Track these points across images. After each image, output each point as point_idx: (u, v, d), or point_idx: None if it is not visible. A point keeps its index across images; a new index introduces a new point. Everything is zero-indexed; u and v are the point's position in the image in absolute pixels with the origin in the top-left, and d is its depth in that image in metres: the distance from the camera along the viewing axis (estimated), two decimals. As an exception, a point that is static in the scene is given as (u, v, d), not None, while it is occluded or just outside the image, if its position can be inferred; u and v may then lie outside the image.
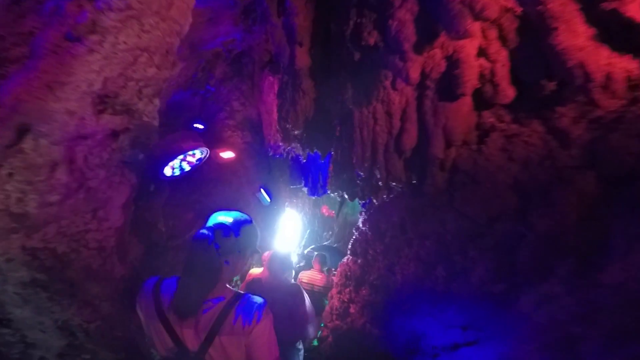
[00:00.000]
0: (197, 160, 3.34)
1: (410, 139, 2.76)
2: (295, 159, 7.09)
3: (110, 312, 2.67)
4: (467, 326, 2.60)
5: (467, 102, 2.63)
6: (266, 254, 2.86)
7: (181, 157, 2.96)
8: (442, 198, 2.74)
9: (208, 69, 6.55)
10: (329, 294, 4.05)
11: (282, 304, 2.19)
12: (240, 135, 6.73)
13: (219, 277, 1.15)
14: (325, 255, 5.08)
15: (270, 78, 6.19)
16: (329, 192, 3.82)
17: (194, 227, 4.64)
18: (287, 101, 4.24)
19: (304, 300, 2.44)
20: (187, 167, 3.29)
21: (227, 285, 1.21)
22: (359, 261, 3.46)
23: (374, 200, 3.48)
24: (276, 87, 5.37)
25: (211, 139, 6.16)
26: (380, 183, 2.98)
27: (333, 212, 9.32)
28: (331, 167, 3.84)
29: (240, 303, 1.13)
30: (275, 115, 5.31)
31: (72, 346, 2.59)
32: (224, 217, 1.24)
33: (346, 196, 3.89)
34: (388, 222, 3.08)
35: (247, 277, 2.85)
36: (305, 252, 7.07)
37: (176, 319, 1.10)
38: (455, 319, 2.66)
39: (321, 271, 4.73)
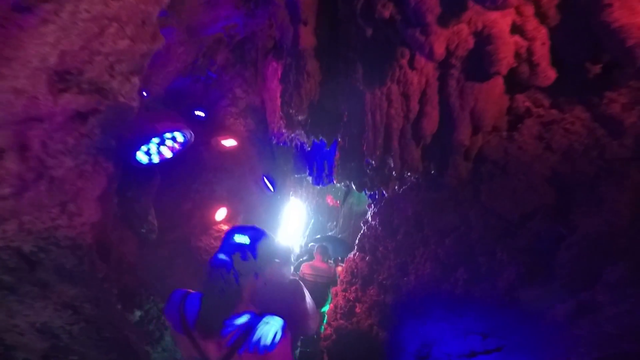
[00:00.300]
0: (180, 145, 2.85)
1: (431, 124, 2.40)
2: (300, 147, 6.75)
3: (95, 313, 2.39)
4: (488, 334, 2.29)
5: (499, 83, 2.27)
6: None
7: (157, 140, 2.45)
8: (465, 191, 2.39)
9: (209, 55, 6.19)
10: (333, 291, 3.77)
11: (281, 302, 1.91)
12: (243, 123, 6.41)
13: (240, 298, 1.18)
14: (327, 247, 4.91)
15: (274, 64, 5.85)
16: (334, 181, 3.48)
17: (192, 218, 4.35)
18: (291, 85, 3.88)
19: (304, 296, 2.19)
20: (168, 153, 2.77)
21: (250, 304, 1.23)
22: (367, 258, 3.14)
23: (384, 192, 3.16)
24: (280, 73, 5.02)
25: (213, 127, 5.84)
26: (393, 173, 2.63)
27: (338, 202, 9.01)
28: (337, 155, 3.50)
29: (260, 324, 1.14)
30: (279, 102, 5.00)
31: (56, 348, 2.32)
32: (241, 238, 1.22)
33: (353, 187, 3.55)
34: (401, 217, 2.75)
35: None
36: (310, 244, 6.79)
37: (200, 335, 1.15)
38: (475, 325, 2.35)
39: (323, 262, 4.56)
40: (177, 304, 1.21)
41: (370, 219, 3.24)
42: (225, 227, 4.52)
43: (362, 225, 3.49)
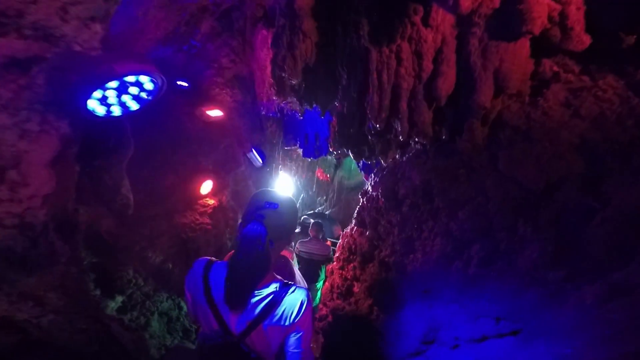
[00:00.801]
0: (148, 95, 2.32)
1: (447, 84, 2.07)
2: (290, 117, 6.34)
3: (65, 303, 2.06)
4: (503, 317, 2.06)
5: (526, 45, 2.02)
6: None
7: (114, 84, 1.84)
8: (480, 158, 2.10)
9: (193, 23, 5.60)
10: (328, 268, 3.52)
11: None
12: (229, 94, 5.95)
13: (269, 267, 1.11)
14: (321, 223, 4.82)
15: (264, 32, 5.36)
16: (330, 149, 3.15)
17: (175, 192, 3.96)
18: (284, 47, 3.43)
19: (294, 274, 1.99)
20: (133, 105, 2.21)
21: (274, 274, 1.16)
22: (367, 233, 2.87)
23: (383, 161, 2.84)
24: (270, 40, 4.55)
25: (197, 97, 5.36)
26: (400, 138, 2.31)
27: (328, 176, 8.71)
28: (334, 121, 3.14)
29: (288, 294, 1.09)
30: (268, 71, 4.57)
31: (27, 343, 2.00)
32: (273, 198, 1.14)
33: (351, 155, 3.23)
34: (407, 187, 2.45)
35: None
36: (301, 219, 6.56)
37: (225, 306, 1.08)
38: (490, 308, 2.12)
39: (318, 239, 4.48)
40: (200, 273, 1.12)
41: (370, 189, 2.94)
42: (211, 202, 4.17)
43: (360, 197, 3.20)
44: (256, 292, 1.07)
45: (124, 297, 2.96)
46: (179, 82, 5.48)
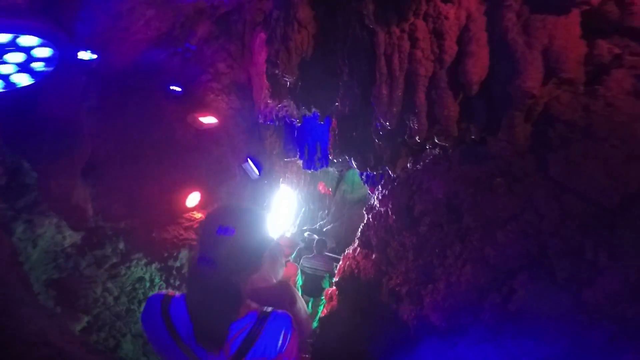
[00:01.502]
0: (46, 66, 1.70)
1: (479, 66, 1.58)
2: (290, 127, 5.88)
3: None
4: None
5: (577, 20, 1.51)
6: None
7: None
8: (523, 162, 1.59)
9: (188, 25, 5.27)
10: (327, 293, 2.97)
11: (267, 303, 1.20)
12: (225, 100, 5.54)
13: (239, 301, 0.93)
14: (326, 241, 4.74)
15: (263, 35, 5.03)
16: (330, 157, 2.65)
17: (158, 204, 3.46)
18: (277, 40, 2.99)
19: (295, 300, 1.68)
20: (20, 79, 1.59)
21: (250, 302, 0.96)
22: (374, 256, 2.33)
23: (391, 172, 2.34)
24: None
25: (191, 103, 4.94)
26: (416, 139, 1.81)
27: (330, 189, 8.21)
28: (334, 124, 2.65)
29: (268, 324, 0.93)
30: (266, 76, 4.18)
31: None
32: (226, 228, 0.90)
33: (354, 164, 2.73)
34: (426, 202, 1.93)
35: None
36: (305, 235, 6.18)
37: (198, 344, 0.90)
38: (538, 350, 1.57)
39: (322, 254, 4.41)
40: (159, 311, 0.93)
41: (377, 204, 2.42)
42: (198, 215, 3.66)
43: (364, 213, 2.67)
44: (232, 326, 0.90)
45: (89, 317, 2.48)
46: (172, 87, 5.11)
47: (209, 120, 4.70)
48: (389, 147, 2.18)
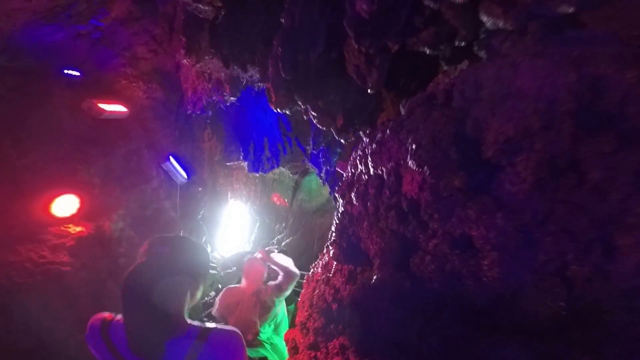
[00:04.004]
0: None
1: None
2: (230, 121, 4.61)
3: None
4: None
5: None
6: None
7: None
8: None
9: (99, 2, 3.92)
10: (285, 336, 1.71)
11: None
12: (142, 88, 4.18)
13: (171, 322, 0.85)
14: (286, 251, 3.68)
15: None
16: (272, 106, 1.47)
17: (6, 212, 2.01)
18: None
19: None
20: None
21: (188, 320, 0.88)
22: (376, 277, 1.14)
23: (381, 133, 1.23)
24: None
25: (94, 90, 3.54)
26: None
27: (285, 200, 7.02)
28: (276, 46, 1.51)
29: (209, 343, 0.84)
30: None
31: None
32: (160, 244, 0.88)
33: (313, 118, 1.60)
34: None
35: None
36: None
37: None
38: None
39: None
40: (98, 333, 0.88)
41: (354, 178, 1.24)
42: (77, 229, 2.24)
43: (336, 196, 1.50)
44: (170, 343, 0.82)
45: None
46: (67, 71, 3.70)
47: (113, 108, 3.33)
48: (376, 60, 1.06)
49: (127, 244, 2.59)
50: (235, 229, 6.65)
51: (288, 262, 2.00)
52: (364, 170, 1.09)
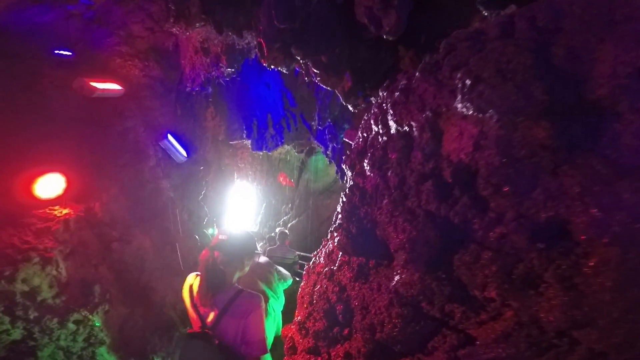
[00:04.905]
0: None
1: None
2: (232, 99, 4.30)
3: None
4: None
5: None
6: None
7: None
8: None
9: None
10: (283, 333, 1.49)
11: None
12: (139, 66, 3.91)
13: (224, 281, 1.25)
14: (286, 232, 4.33)
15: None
16: (265, 62, 1.16)
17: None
18: None
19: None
20: None
21: (235, 284, 1.28)
22: (405, 277, 0.88)
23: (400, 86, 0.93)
24: None
25: (87, 70, 3.25)
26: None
27: (292, 180, 6.76)
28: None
29: (240, 297, 1.23)
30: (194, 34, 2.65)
31: None
32: (222, 235, 1.31)
33: (315, 76, 1.30)
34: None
35: None
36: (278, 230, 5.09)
37: (200, 305, 1.25)
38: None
39: (283, 245, 4.17)
40: (189, 284, 1.31)
41: (366, 141, 0.96)
42: (64, 211, 2.02)
43: (344, 168, 1.22)
44: (220, 294, 1.22)
45: None
46: (58, 52, 3.45)
47: (106, 86, 3.05)
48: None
49: (122, 226, 2.38)
50: (241, 210, 6.45)
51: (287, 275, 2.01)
52: (381, 131, 0.80)
